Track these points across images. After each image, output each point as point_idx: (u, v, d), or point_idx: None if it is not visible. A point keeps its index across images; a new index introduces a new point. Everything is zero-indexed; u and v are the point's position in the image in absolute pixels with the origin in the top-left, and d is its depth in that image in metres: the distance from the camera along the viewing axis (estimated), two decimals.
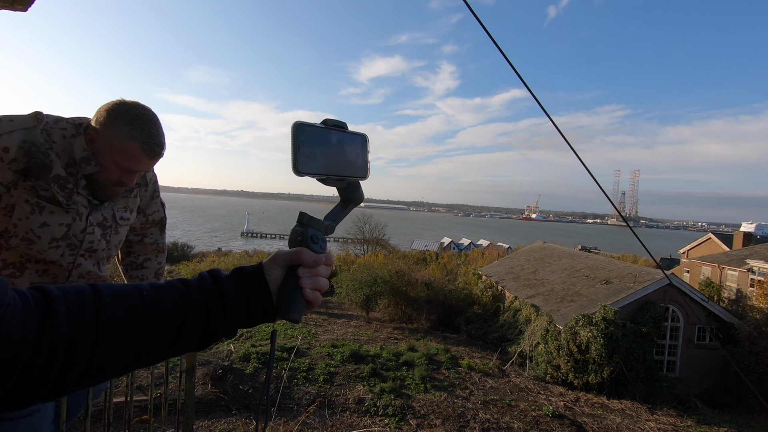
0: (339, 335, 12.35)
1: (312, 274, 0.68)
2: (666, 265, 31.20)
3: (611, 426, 8.39)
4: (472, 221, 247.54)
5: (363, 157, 0.78)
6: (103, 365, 0.56)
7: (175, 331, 0.61)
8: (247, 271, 0.69)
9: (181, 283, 0.65)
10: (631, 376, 10.46)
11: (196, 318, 0.63)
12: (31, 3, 1.82)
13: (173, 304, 0.62)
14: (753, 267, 19.12)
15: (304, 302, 0.68)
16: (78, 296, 0.56)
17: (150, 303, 0.60)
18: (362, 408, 7.55)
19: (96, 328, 0.55)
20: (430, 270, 20.38)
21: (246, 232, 72.04)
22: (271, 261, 0.69)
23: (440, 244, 51.51)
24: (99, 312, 0.56)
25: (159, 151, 1.35)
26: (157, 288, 0.63)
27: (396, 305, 15.55)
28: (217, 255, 29.27)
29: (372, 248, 33.57)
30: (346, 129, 0.75)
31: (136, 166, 1.34)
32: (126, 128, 1.28)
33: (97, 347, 0.55)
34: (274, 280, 0.68)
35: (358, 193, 0.79)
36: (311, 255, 0.68)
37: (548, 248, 20.49)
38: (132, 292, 0.61)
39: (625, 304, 11.57)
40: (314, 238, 0.71)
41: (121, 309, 0.58)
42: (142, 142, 1.29)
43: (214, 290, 0.65)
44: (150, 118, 1.33)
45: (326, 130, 0.72)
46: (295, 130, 0.66)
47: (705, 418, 9.88)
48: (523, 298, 14.18)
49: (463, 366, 10.47)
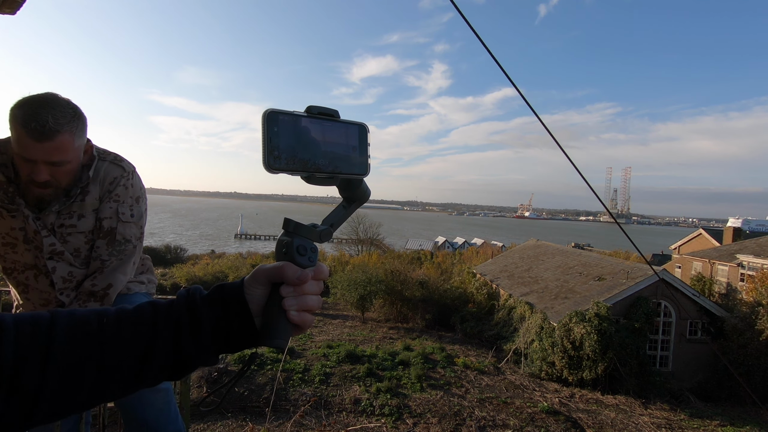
0: (334, 336, 12.34)
1: (298, 293, 0.59)
2: (658, 261, 31.55)
3: (606, 421, 8.47)
4: (466, 220, 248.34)
5: (360, 151, 0.67)
6: (53, 400, 0.51)
7: (138, 362, 0.55)
8: (226, 290, 0.61)
9: (150, 306, 0.59)
10: (625, 372, 10.57)
11: (163, 347, 0.57)
12: (20, 6, 1.81)
13: (135, 333, 0.56)
14: (743, 261, 19.39)
15: (289, 326, 0.59)
16: (31, 326, 0.52)
17: (110, 332, 0.55)
18: (359, 408, 7.55)
19: (44, 360, 0.50)
20: (425, 269, 20.41)
21: (240, 234, 71.75)
22: (252, 278, 0.61)
23: (434, 243, 51.57)
24: (49, 342, 0.51)
25: (42, 131, 1.21)
26: (121, 314, 0.58)
27: (391, 305, 15.56)
28: (210, 257, 29.09)
29: (366, 248, 33.55)
30: (336, 118, 0.65)
31: (27, 153, 1.25)
32: (14, 116, 1.24)
33: (45, 380, 0.50)
34: (256, 300, 0.60)
35: (359, 190, 0.69)
36: (295, 270, 0.59)
37: (542, 246, 20.62)
38: (92, 319, 0.56)
39: (618, 300, 11.68)
40: (300, 249, 0.61)
41: (75, 339, 0.53)
42: (23, 124, 1.21)
43: (185, 315, 0.59)
44: (39, 102, 1.23)
45: (308, 119, 0.61)
46: (265, 119, 0.56)
47: (698, 411, 10.00)
48: (517, 296, 14.26)
49: (459, 364, 10.51)
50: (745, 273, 18.99)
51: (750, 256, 19.06)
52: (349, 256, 29.16)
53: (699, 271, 21.66)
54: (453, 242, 54.01)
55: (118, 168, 1.51)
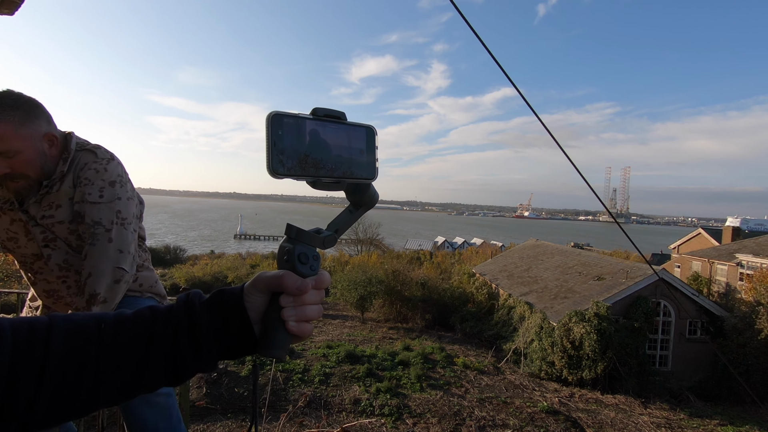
0: (334, 336, 12.34)
1: (297, 303, 0.58)
2: (657, 260, 31.57)
3: (605, 421, 8.48)
4: (466, 220, 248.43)
5: (368, 154, 0.65)
6: (50, 406, 0.51)
7: (136, 367, 0.55)
8: (226, 296, 0.60)
9: (149, 311, 0.59)
10: (625, 371, 10.58)
11: (161, 353, 0.56)
12: (18, 7, 1.81)
13: (133, 338, 0.56)
14: (742, 261, 19.40)
15: (288, 336, 0.58)
16: (28, 332, 0.52)
17: (107, 337, 0.55)
18: (358, 408, 7.55)
19: (41, 366, 0.50)
20: (425, 269, 20.42)
21: (239, 234, 71.76)
22: (252, 286, 0.60)
23: (434, 243, 51.59)
24: (46, 348, 0.51)
25: None
26: (120, 319, 0.58)
27: (391, 305, 15.56)
28: (210, 258, 29.08)
29: (366, 248, 33.56)
30: (344, 120, 0.63)
31: None
32: None
33: (42, 386, 0.50)
34: (256, 308, 0.59)
35: (368, 194, 0.67)
36: (295, 280, 0.58)
37: (541, 246, 20.63)
38: (90, 324, 0.56)
39: (618, 299, 11.69)
40: (302, 258, 0.59)
41: (72, 344, 0.53)
42: None
43: (184, 320, 0.58)
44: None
45: (314, 122, 0.60)
46: (269, 122, 0.55)
47: (697, 410, 10.01)
48: (516, 296, 14.27)
49: (459, 364, 10.51)
50: (744, 272, 19.00)
51: (749, 256, 19.08)
52: (349, 257, 29.18)
53: (698, 270, 21.68)
54: (452, 242, 54.04)
55: (91, 154, 1.49)
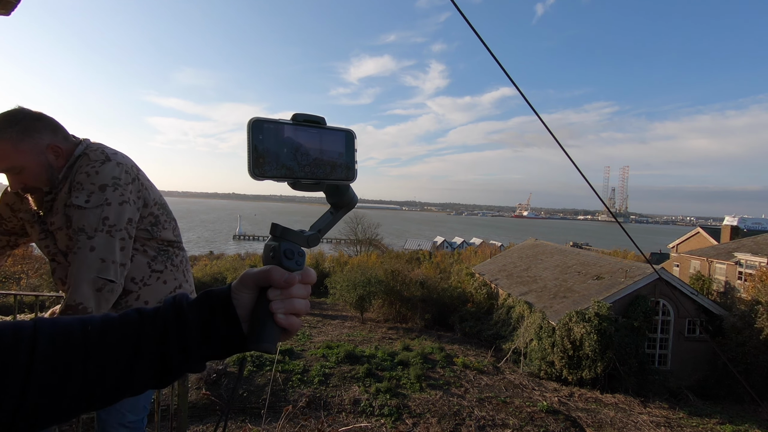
0: (333, 336, 12.33)
1: (285, 296, 0.60)
2: (656, 259, 31.60)
3: (605, 420, 8.48)
4: (465, 220, 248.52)
5: (347, 157, 0.68)
6: (35, 410, 0.51)
7: (123, 370, 0.55)
8: (214, 296, 0.61)
9: (136, 313, 0.59)
10: (624, 371, 10.58)
11: (149, 354, 0.57)
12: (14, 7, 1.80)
13: (120, 340, 0.56)
14: (741, 260, 19.43)
15: (277, 329, 0.60)
16: (12, 337, 0.52)
17: (94, 339, 0.55)
18: (358, 408, 7.54)
19: (27, 371, 0.50)
20: (424, 269, 20.42)
21: (238, 235, 71.78)
22: (239, 283, 0.61)
23: (433, 243, 51.60)
24: (32, 352, 0.51)
25: None
26: (106, 321, 0.58)
27: (390, 305, 15.55)
28: (209, 258, 29.03)
29: (365, 248, 33.55)
30: (323, 125, 0.66)
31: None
32: None
33: (28, 390, 0.50)
34: (244, 305, 0.60)
35: (346, 196, 0.70)
36: (282, 274, 0.60)
37: (540, 245, 20.64)
38: (75, 327, 0.56)
39: (617, 299, 11.69)
40: (288, 253, 0.62)
41: (58, 348, 0.53)
42: None
43: (172, 321, 0.58)
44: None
45: (292, 127, 0.63)
46: (250, 127, 0.58)
47: (696, 409, 10.02)
48: (516, 296, 14.26)
49: (458, 364, 10.50)
50: (743, 271, 19.04)
51: (748, 255, 19.11)
52: (348, 257, 29.16)
53: (697, 269, 21.71)
54: (452, 242, 54.02)
55: (85, 157, 1.44)
